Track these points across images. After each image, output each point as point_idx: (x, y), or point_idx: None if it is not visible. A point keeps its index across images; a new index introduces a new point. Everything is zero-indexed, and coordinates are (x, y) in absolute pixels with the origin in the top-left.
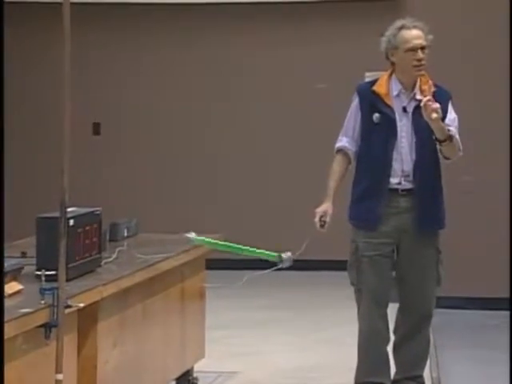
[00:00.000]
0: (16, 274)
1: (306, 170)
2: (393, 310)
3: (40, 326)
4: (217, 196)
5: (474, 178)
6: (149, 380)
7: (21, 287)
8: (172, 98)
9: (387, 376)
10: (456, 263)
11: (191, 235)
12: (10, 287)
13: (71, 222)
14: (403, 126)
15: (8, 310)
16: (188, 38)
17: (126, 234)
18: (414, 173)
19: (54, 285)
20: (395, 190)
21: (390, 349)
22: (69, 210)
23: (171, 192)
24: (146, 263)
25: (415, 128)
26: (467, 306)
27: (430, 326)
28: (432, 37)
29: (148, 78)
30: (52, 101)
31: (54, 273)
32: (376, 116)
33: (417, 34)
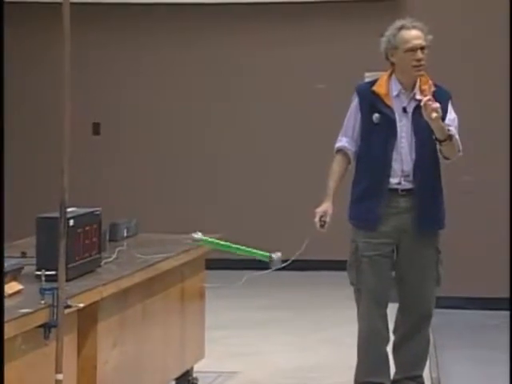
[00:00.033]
0: (16, 274)
1: (306, 169)
2: (392, 310)
3: (40, 326)
4: (217, 196)
5: (473, 178)
6: (149, 380)
7: (21, 287)
8: (172, 98)
9: (387, 376)
10: (456, 263)
11: (197, 235)
12: (9, 287)
13: (71, 222)
14: (403, 127)
15: (8, 310)
16: (188, 38)
17: (125, 234)
18: (413, 173)
19: (54, 285)
20: (395, 190)
21: (389, 349)
22: (69, 210)
23: (171, 192)
24: (146, 263)
25: (415, 128)
26: (467, 305)
27: (430, 326)
28: (431, 37)
29: (148, 78)
30: (52, 101)
31: (53, 273)
32: (376, 116)
33: (416, 34)
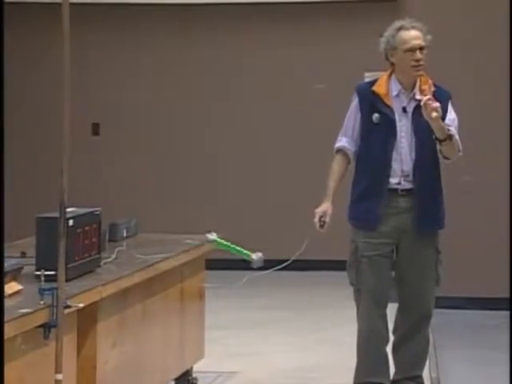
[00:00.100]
0: (16, 274)
1: (306, 169)
2: (392, 310)
3: (39, 326)
4: (217, 196)
5: (474, 178)
6: (148, 380)
7: (20, 287)
8: (172, 98)
9: (386, 376)
10: (456, 263)
11: (212, 236)
12: (9, 287)
13: (71, 223)
14: (403, 126)
15: (8, 310)
16: (187, 39)
17: (125, 235)
18: (413, 173)
19: (54, 285)
20: (395, 190)
21: (389, 349)
22: (68, 210)
23: (171, 192)
24: (146, 263)
25: (415, 128)
26: (467, 306)
27: (430, 326)
28: (431, 37)
29: (147, 79)
30: (52, 101)
31: (53, 273)
32: (375, 116)
33: (415, 34)
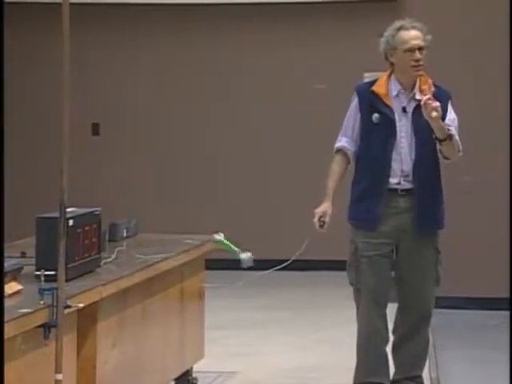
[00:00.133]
0: (16, 274)
1: (306, 170)
2: (392, 310)
3: (39, 326)
4: (217, 196)
5: (473, 178)
6: (148, 380)
7: (20, 287)
8: (172, 98)
9: (386, 376)
10: (456, 263)
11: (219, 236)
12: (9, 287)
13: (71, 223)
14: (402, 126)
15: (7, 310)
16: (188, 39)
17: (125, 235)
18: (413, 173)
19: (54, 285)
20: (394, 190)
21: (389, 349)
22: (68, 210)
23: (171, 192)
24: (146, 263)
25: (415, 128)
26: (467, 306)
27: (430, 326)
28: (431, 37)
29: (147, 79)
30: (52, 101)
31: (53, 273)
32: (375, 116)
33: (415, 34)
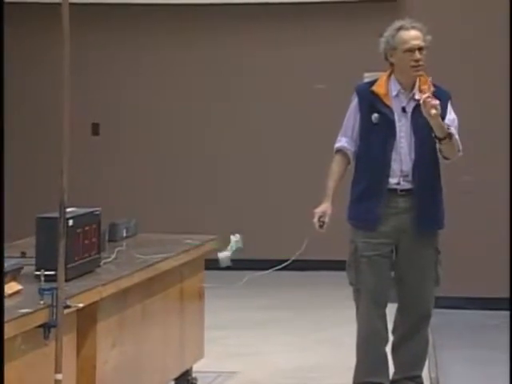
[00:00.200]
0: (15, 274)
1: (306, 170)
2: (391, 310)
3: (39, 326)
4: (217, 196)
5: (473, 178)
6: (148, 380)
7: (20, 287)
8: (172, 98)
9: (386, 376)
10: (456, 263)
11: (236, 237)
12: (9, 287)
13: (70, 223)
14: (402, 126)
15: (7, 310)
16: (187, 39)
17: (125, 235)
18: (413, 173)
19: (53, 285)
20: (394, 190)
21: (388, 349)
22: (68, 210)
23: (171, 192)
24: (145, 263)
25: (414, 128)
26: (467, 306)
27: (429, 326)
28: (431, 37)
29: (148, 79)
30: (52, 101)
31: (53, 273)
32: (375, 116)
33: (415, 34)
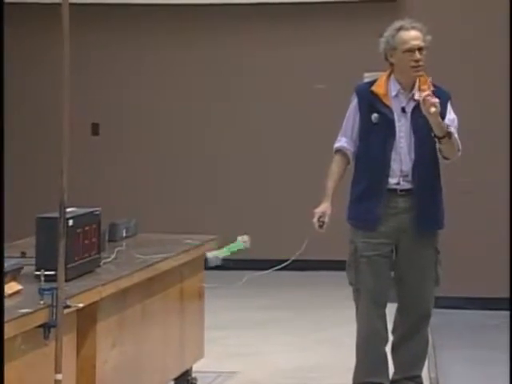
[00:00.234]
0: (15, 274)
1: (306, 170)
2: (391, 310)
3: (39, 326)
4: (217, 196)
5: (473, 178)
6: (148, 380)
7: (20, 287)
8: (172, 98)
9: (386, 376)
10: (455, 263)
11: (243, 238)
12: (9, 287)
13: (70, 223)
14: (402, 127)
15: (7, 310)
16: (188, 39)
17: (125, 235)
18: (412, 173)
19: (53, 285)
20: (394, 190)
21: (388, 349)
22: (68, 210)
23: (171, 192)
24: (145, 263)
25: (414, 128)
26: (467, 306)
27: (429, 326)
28: (430, 38)
29: (148, 79)
30: (52, 101)
31: (53, 273)
32: (375, 116)
33: (415, 34)
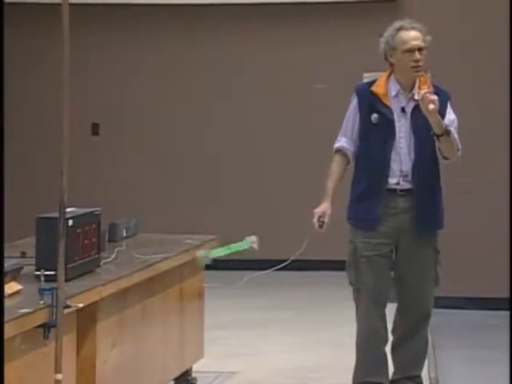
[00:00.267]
0: (15, 274)
1: (306, 170)
2: (391, 309)
3: (39, 326)
4: (218, 196)
5: (473, 178)
6: (148, 380)
7: (20, 287)
8: (173, 97)
9: (385, 376)
10: (455, 263)
11: (251, 238)
12: (9, 287)
13: (70, 223)
14: (401, 127)
15: (7, 310)
16: (189, 39)
17: (125, 235)
18: (412, 173)
19: (53, 285)
20: (394, 190)
21: (388, 349)
22: (68, 210)
23: (172, 192)
24: (145, 263)
25: (414, 128)
26: (467, 306)
27: (429, 326)
28: (430, 38)
29: (149, 79)
30: (52, 101)
31: (53, 273)
32: (374, 116)
33: (415, 35)
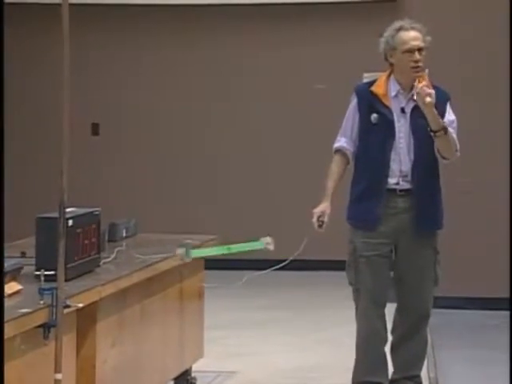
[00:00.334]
0: (15, 274)
1: (306, 170)
2: (391, 309)
3: (39, 326)
4: (216, 196)
5: (473, 178)
6: (147, 380)
7: (20, 287)
8: (172, 98)
9: (385, 376)
10: (455, 263)
11: (266, 240)
12: (9, 287)
13: (70, 223)
14: (401, 127)
15: (7, 310)
16: (188, 39)
17: (124, 235)
18: (412, 173)
19: (53, 285)
20: (393, 190)
21: (387, 349)
22: (68, 210)
23: (171, 192)
24: (145, 263)
25: (413, 128)
26: (467, 306)
27: (428, 326)
28: (430, 38)
29: (147, 79)
30: (52, 101)
31: (53, 273)
32: (374, 116)
33: (415, 35)
